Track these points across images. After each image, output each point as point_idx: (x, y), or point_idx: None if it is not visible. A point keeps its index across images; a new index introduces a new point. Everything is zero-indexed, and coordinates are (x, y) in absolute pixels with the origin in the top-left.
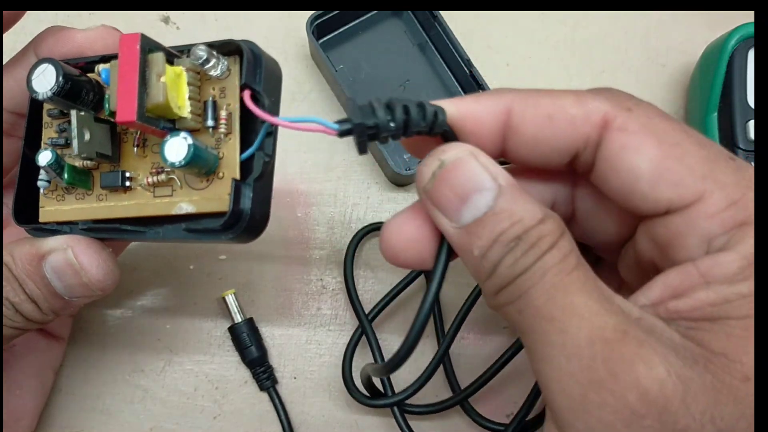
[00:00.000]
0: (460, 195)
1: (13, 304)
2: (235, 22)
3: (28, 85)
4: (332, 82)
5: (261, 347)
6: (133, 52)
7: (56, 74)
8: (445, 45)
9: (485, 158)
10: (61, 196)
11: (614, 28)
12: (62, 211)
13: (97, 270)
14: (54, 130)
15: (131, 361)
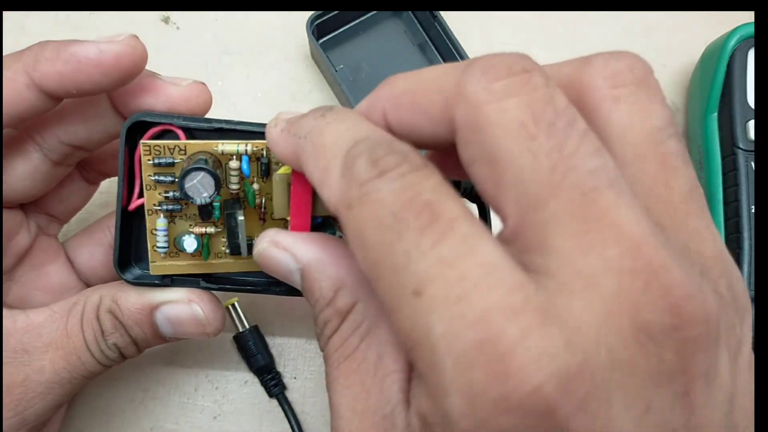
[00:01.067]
0: (282, 276)
1: (119, 348)
2: (235, 23)
3: (182, 190)
4: (332, 82)
5: (268, 354)
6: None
7: (214, 184)
8: (446, 45)
9: (286, 240)
10: (176, 253)
11: (614, 28)
12: (176, 266)
13: (220, 321)
14: (160, 194)
15: (131, 361)
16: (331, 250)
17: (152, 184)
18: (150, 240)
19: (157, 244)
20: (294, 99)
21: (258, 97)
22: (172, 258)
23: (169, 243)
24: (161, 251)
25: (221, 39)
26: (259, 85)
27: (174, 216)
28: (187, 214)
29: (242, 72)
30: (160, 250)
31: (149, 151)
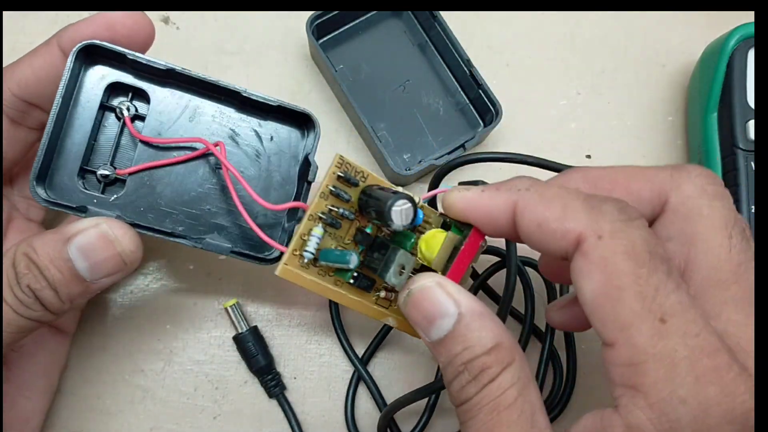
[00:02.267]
0: (427, 318)
1: (33, 291)
2: (234, 23)
3: (387, 211)
4: (332, 82)
5: (267, 355)
6: (476, 246)
7: (414, 211)
8: (445, 45)
9: (452, 287)
10: (308, 265)
11: (614, 28)
12: (302, 277)
13: (131, 240)
14: (328, 205)
15: (131, 362)
16: (488, 309)
17: (327, 194)
18: (296, 243)
19: (306, 248)
20: (293, 99)
21: None
22: (304, 269)
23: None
24: (306, 256)
25: (221, 39)
26: (259, 85)
27: (329, 230)
28: (339, 235)
29: (242, 72)
30: (306, 254)
31: (342, 163)
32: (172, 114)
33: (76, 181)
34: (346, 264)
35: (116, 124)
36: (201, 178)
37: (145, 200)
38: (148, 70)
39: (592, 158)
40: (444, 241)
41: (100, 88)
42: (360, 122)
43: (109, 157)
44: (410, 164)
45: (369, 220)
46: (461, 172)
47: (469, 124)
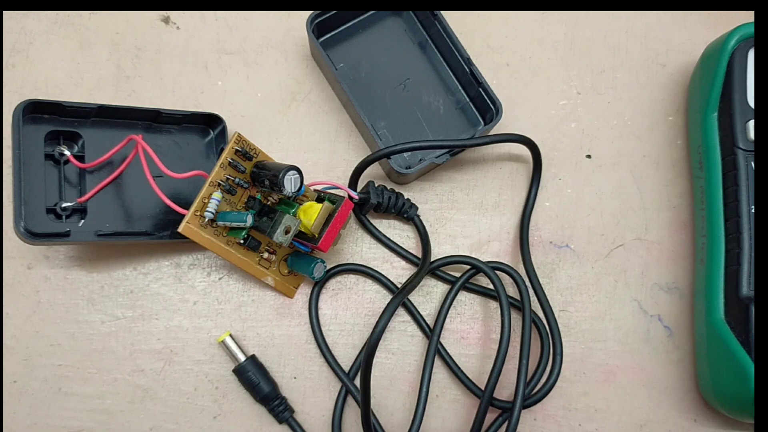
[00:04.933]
0: None
1: None
2: (235, 22)
3: (280, 179)
4: (333, 81)
5: (270, 381)
6: (346, 213)
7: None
8: (446, 43)
9: None
10: (206, 225)
11: (614, 28)
12: (200, 235)
13: None
14: (226, 175)
15: (131, 362)
16: None
17: (225, 165)
18: (197, 205)
19: (207, 209)
20: (294, 99)
21: (258, 97)
22: (203, 228)
23: (214, 215)
24: (207, 215)
25: (221, 39)
26: (259, 85)
27: (225, 196)
28: (233, 201)
29: (242, 72)
30: (207, 214)
31: (239, 140)
32: (105, 145)
33: (48, 219)
34: (243, 222)
35: (55, 165)
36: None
37: (107, 217)
38: (78, 114)
39: (592, 158)
40: (321, 209)
41: (39, 139)
42: (361, 121)
43: (62, 193)
44: (411, 162)
45: (259, 190)
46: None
47: (469, 123)
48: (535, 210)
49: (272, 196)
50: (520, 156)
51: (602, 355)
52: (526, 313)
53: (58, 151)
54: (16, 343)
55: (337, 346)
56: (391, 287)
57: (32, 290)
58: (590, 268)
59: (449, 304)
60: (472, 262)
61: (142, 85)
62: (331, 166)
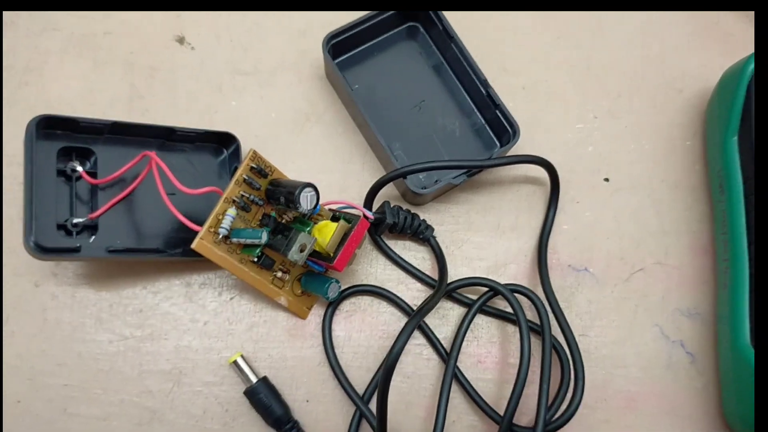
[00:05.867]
0: None
1: None
2: (249, 43)
3: (296, 196)
4: (348, 102)
5: (282, 404)
6: (362, 233)
7: (317, 198)
8: (462, 66)
9: None
10: (219, 242)
11: (630, 54)
12: (213, 251)
13: None
14: (241, 191)
15: (139, 382)
16: None
17: (240, 181)
18: (211, 221)
19: (221, 226)
20: (308, 119)
21: (272, 118)
22: (216, 244)
23: (228, 231)
24: (221, 232)
25: (235, 59)
26: (273, 106)
27: (240, 213)
28: (247, 219)
29: (256, 93)
30: (221, 230)
31: (255, 157)
32: (118, 162)
33: (58, 235)
34: (258, 239)
35: (67, 182)
36: (156, 200)
37: (119, 234)
38: (92, 130)
39: (610, 181)
40: (336, 228)
41: (52, 154)
42: (376, 142)
43: (73, 209)
44: (426, 184)
45: (274, 208)
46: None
47: (485, 146)
48: (552, 233)
49: (287, 214)
50: (537, 178)
51: (623, 381)
52: (546, 337)
53: (71, 167)
54: (21, 362)
55: (351, 369)
56: (407, 309)
57: (39, 308)
58: (610, 292)
59: (466, 326)
60: (490, 284)
61: (156, 104)
62: (345, 187)
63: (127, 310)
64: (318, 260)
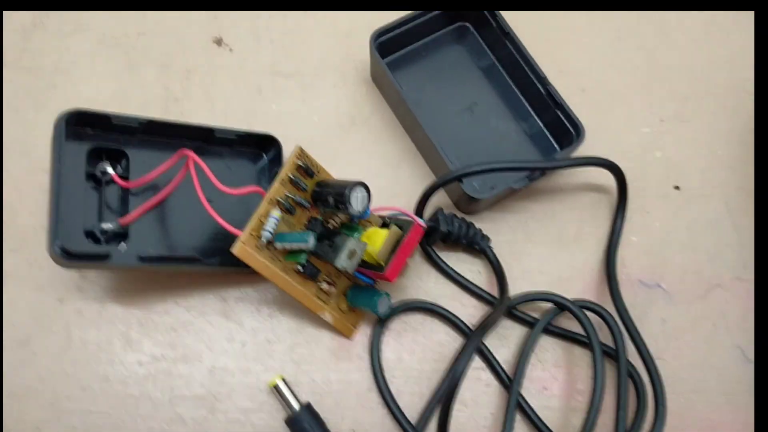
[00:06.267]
0: None
1: None
2: (291, 45)
3: (347, 196)
4: (396, 104)
5: None
6: (415, 240)
7: (369, 199)
8: (516, 65)
9: None
10: (262, 246)
11: (696, 56)
12: (255, 258)
13: None
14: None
15: (170, 409)
16: None
17: (286, 181)
18: (254, 223)
19: (264, 228)
20: (353, 123)
21: (314, 121)
22: (259, 250)
23: (272, 235)
24: (264, 236)
25: (276, 61)
26: (316, 109)
27: (284, 216)
28: (292, 222)
29: (298, 95)
30: (265, 234)
31: (301, 155)
32: (151, 167)
33: (86, 242)
34: (305, 243)
35: (95, 185)
36: (191, 206)
37: (150, 242)
38: (125, 129)
39: (681, 189)
40: (388, 234)
41: (81, 155)
42: (427, 145)
43: (102, 215)
44: (481, 190)
45: (320, 211)
46: None
47: (542, 151)
48: (620, 245)
49: (334, 218)
50: (601, 186)
51: (704, 408)
52: (621, 360)
53: (101, 169)
54: (42, 385)
55: (402, 396)
56: (463, 329)
57: (63, 326)
58: (685, 310)
59: (531, 348)
60: (559, 300)
61: (192, 107)
62: (393, 194)
63: (158, 328)
64: (367, 270)
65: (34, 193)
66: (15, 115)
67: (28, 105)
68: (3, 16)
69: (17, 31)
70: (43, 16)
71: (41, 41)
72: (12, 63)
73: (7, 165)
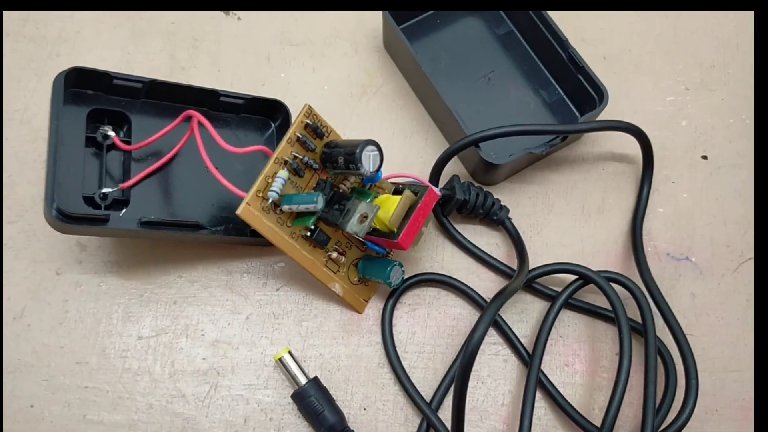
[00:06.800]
0: None
1: None
2: (300, 13)
3: (358, 155)
4: (410, 72)
5: (336, 410)
6: (430, 206)
7: (381, 158)
8: (536, 30)
9: None
10: (269, 209)
11: (721, 22)
12: (261, 220)
13: None
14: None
15: (171, 385)
16: None
17: (294, 140)
18: (260, 183)
19: (271, 188)
20: (365, 92)
21: (324, 90)
22: (265, 212)
23: (279, 196)
24: (271, 196)
25: (286, 30)
26: (326, 78)
27: (292, 178)
28: (300, 185)
29: (308, 64)
30: (271, 194)
31: (310, 113)
32: (154, 132)
33: (85, 207)
34: (313, 204)
35: (95, 149)
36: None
37: (152, 209)
38: (127, 91)
39: (708, 159)
40: (401, 199)
41: (81, 117)
42: (443, 111)
43: (103, 181)
44: (499, 157)
45: (330, 175)
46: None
47: (564, 118)
48: (646, 217)
49: (344, 183)
50: (625, 155)
51: (738, 387)
52: (650, 335)
53: (102, 133)
54: (36, 360)
55: (415, 371)
56: (480, 302)
57: (60, 298)
58: (716, 284)
59: (552, 321)
60: (582, 272)
61: (198, 76)
62: (407, 165)
63: (159, 301)
64: (379, 238)
65: (34, 163)
66: (17, 84)
67: (30, 74)
68: None
69: None
70: None
71: (44, 11)
72: (14, 32)
73: (6, 134)
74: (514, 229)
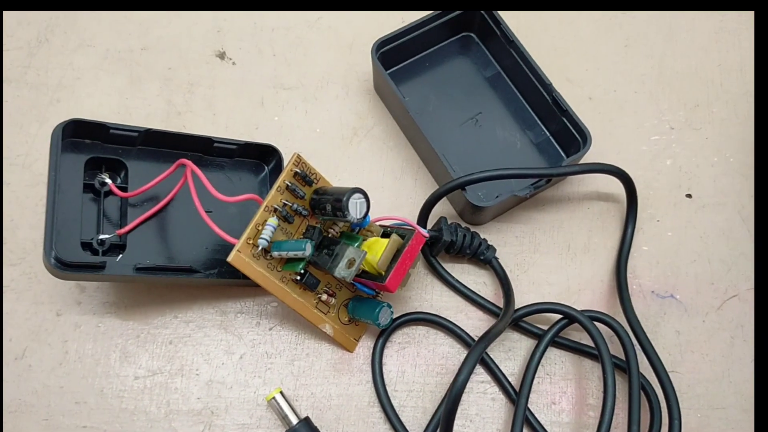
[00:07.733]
0: None
1: None
2: (293, 57)
3: (345, 203)
4: (398, 114)
5: None
6: (417, 249)
7: (367, 206)
8: (522, 73)
9: None
10: (259, 255)
11: (705, 62)
12: (251, 267)
13: None
14: (283, 200)
15: (166, 424)
16: None
17: (283, 188)
18: (250, 231)
19: (261, 236)
20: (355, 134)
21: (317, 133)
22: (255, 259)
23: (268, 243)
24: (261, 244)
25: (279, 74)
26: (319, 120)
27: (281, 225)
28: (290, 231)
29: (300, 107)
30: (261, 242)
31: (299, 162)
32: (150, 178)
33: (83, 253)
34: (302, 251)
35: (93, 196)
36: (190, 218)
37: (148, 253)
38: (123, 140)
39: (693, 197)
40: (388, 243)
41: (79, 165)
42: (430, 154)
43: (100, 227)
44: (486, 199)
45: (319, 220)
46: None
47: (549, 160)
48: (631, 255)
49: (333, 227)
50: (610, 195)
51: (722, 425)
52: (633, 373)
53: (99, 180)
54: (36, 399)
55: (404, 410)
56: (468, 341)
57: (59, 339)
58: (701, 321)
59: (538, 359)
60: (566, 311)
61: (194, 120)
62: (397, 206)
63: (156, 342)
64: (367, 281)
65: (35, 207)
66: (18, 129)
67: (32, 119)
68: (6, 35)
69: (22, 48)
70: (48, 33)
71: (46, 58)
72: (16, 79)
73: (8, 178)
74: (501, 268)
